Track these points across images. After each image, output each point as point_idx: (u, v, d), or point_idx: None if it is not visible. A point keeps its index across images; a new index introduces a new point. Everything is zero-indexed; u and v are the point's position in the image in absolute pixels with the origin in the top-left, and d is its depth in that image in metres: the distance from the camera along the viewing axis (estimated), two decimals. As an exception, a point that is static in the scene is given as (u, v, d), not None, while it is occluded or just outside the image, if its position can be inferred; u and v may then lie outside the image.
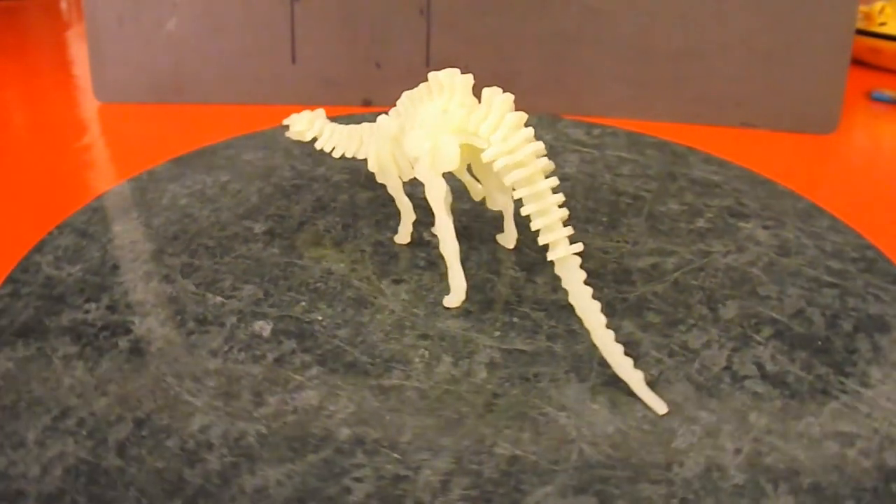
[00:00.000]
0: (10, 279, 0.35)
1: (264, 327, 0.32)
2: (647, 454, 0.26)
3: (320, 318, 0.33)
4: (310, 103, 0.61)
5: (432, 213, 0.37)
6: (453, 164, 0.31)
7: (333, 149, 0.40)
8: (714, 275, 0.36)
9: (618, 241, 0.39)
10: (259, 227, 0.40)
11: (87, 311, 0.33)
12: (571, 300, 0.28)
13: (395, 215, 0.40)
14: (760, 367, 0.30)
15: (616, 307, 0.34)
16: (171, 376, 0.29)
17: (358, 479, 0.25)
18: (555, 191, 0.29)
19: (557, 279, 0.33)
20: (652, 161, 0.48)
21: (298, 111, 0.59)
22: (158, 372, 0.30)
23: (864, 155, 0.54)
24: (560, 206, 0.28)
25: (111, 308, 0.34)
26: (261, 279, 0.35)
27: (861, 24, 0.73)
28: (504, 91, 0.59)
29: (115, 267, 0.37)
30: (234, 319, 0.33)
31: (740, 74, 0.57)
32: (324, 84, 0.61)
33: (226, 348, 0.31)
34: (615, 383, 0.29)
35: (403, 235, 0.38)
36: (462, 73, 0.32)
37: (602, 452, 0.26)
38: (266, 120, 0.57)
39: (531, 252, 0.37)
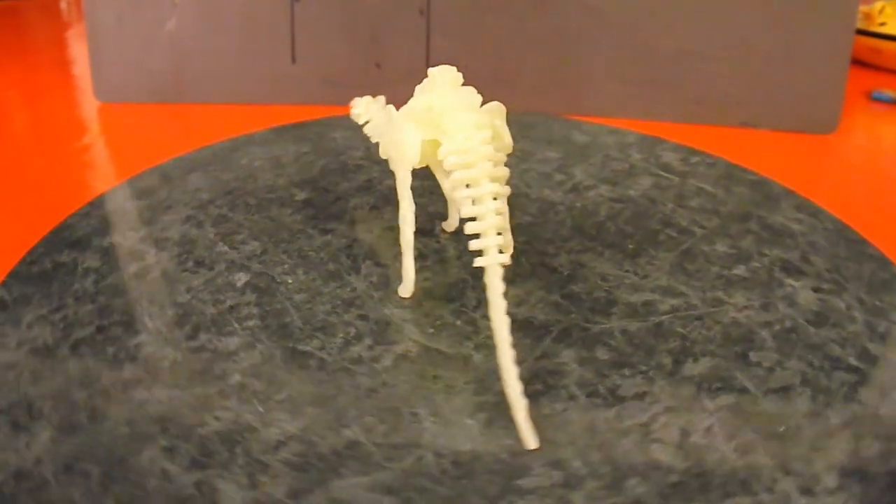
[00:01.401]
0: (12, 275, 0.35)
1: (241, 278, 0.36)
2: (482, 481, 0.24)
3: (290, 281, 0.36)
4: (310, 103, 0.61)
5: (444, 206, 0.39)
6: (412, 158, 0.32)
7: (371, 136, 0.41)
8: (709, 327, 0.32)
9: (626, 271, 0.36)
10: (300, 196, 0.44)
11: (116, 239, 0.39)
12: (489, 310, 0.27)
13: (428, 203, 0.43)
14: (662, 448, 0.26)
15: (571, 334, 0.31)
16: (146, 300, 0.34)
17: (217, 418, 0.27)
18: (497, 199, 0.28)
19: (528, 294, 0.34)
20: (733, 198, 0.43)
21: (298, 111, 0.59)
22: (139, 294, 0.35)
23: (864, 155, 0.54)
24: (499, 214, 0.28)
25: (141, 236, 0.40)
26: (268, 238, 0.39)
27: (861, 24, 0.73)
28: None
29: (169, 207, 0.43)
30: (223, 267, 0.37)
31: (740, 74, 0.57)
32: (324, 84, 0.61)
33: (201, 288, 0.35)
34: (508, 407, 0.26)
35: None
36: (462, 73, 0.32)
37: (440, 465, 0.25)
38: (266, 120, 0.57)
39: (525, 264, 0.37)
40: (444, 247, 0.38)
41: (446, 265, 0.37)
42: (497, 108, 0.32)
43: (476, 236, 0.28)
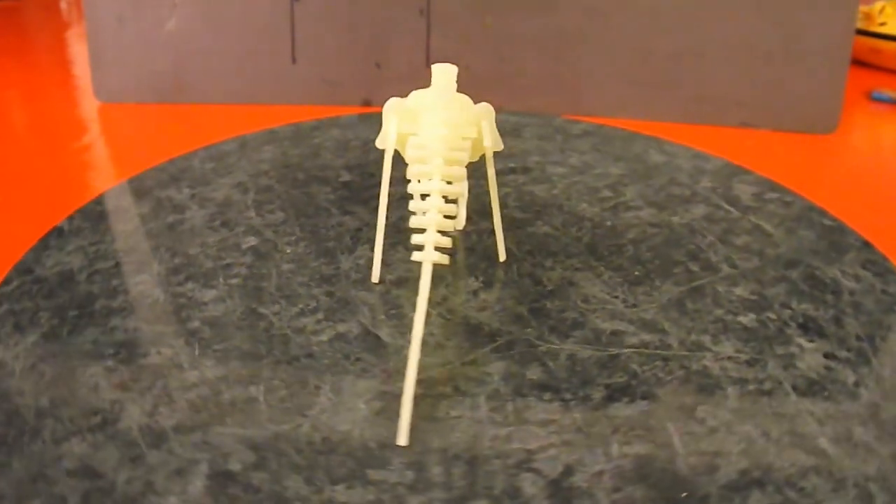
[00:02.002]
0: (13, 272, 0.35)
1: (249, 242, 0.38)
2: (336, 461, 0.25)
3: (288, 251, 0.38)
4: (310, 103, 0.61)
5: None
6: (385, 141, 0.32)
7: None
8: (670, 371, 0.29)
9: (615, 297, 0.34)
10: (344, 178, 0.46)
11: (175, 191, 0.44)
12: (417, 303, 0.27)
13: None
14: (533, 480, 0.24)
15: (513, 347, 0.31)
16: (163, 248, 0.38)
17: (159, 353, 0.30)
18: (449, 199, 0.28)
19: (497, 301, 0.34)
20: (791, 242, 0.39)
21: (298, 111, 0.59)
22: (160, 242, 0.39)
23: (864, 155, 0.54)
24: (447, 215, 0.28)
25: (193, 193, 0.44)
26: (293, 211, 0.42)
27: (861, 24, 0.73)
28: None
29: (230, 172, 0.47)
30: (241, 230, 0.40)
31: (740, 74, 0.57)
32: (324, 84, 0.61)
33: (212, 245, 0.38)
34: (418, 398, 0.27)
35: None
36: (462, 73, 0.32)
37: (309, 437, 0.26)
38: (266, 120, 0.57)
39: (513, 273, 0.36)
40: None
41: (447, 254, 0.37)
42: (485, 110, 0.32)
43: (419, 231, 0.28)
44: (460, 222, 0.39)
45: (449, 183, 0.29)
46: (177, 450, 0.25)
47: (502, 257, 0.37)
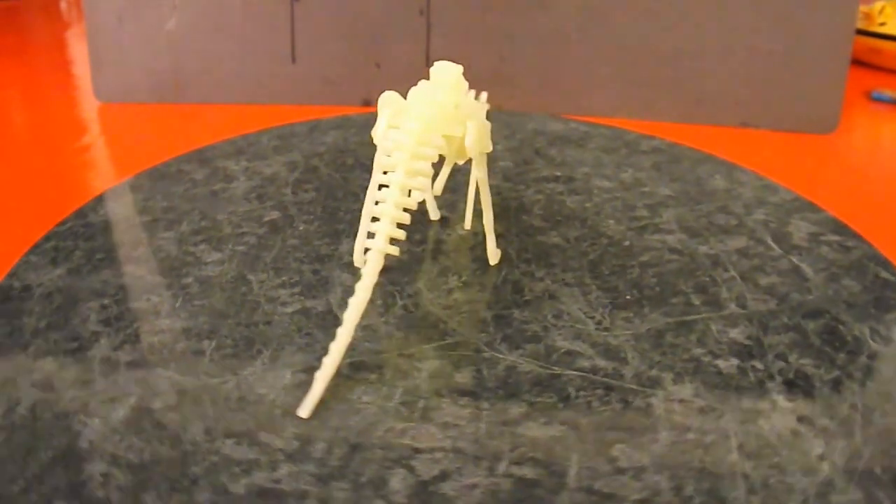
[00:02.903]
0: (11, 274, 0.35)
1: (272, 216, 0.41)
2: (226, 418, 0.26)
3: (301, 228, 0.40)
4: (310, 103, 0.61)
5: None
6: (374, 134, 0.33)
7: None
8: (601, 399, 0.28)
9: (589, 317, 0.32)
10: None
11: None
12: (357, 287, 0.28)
13: (458, 199, 0.44)
14: (398, 476, 0.24)
15: (455, 349, 0.30)
16: (198, 212, 0.42)
17: (148, 300, 0.33)
18: (413, 194, 0.29)
19: (465, 303, 0.34)
20: (827, 290, 0.35)
21: (298, 111, 0.59)
22: (195, 206, 0.42)
23: (864, 155, 0.54)
24: (405, 209, 0.28)
25: (247, 167, 0.47)
26: (326, 193, 0.44)
27: (861, 24, 0.73)
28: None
29: (290, 151, 0.50)
30: (270, 204, 0.43)
31: (740, 74, 0.57)
32: (324, 84, 0.61)
33: (240, 215, 0.41)
34: (341, 378, 0.28)
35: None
36: (462, 72, 0.32)
37: (219, 392, 0.28)
38: (266, 120, 0.57)
39: (497, 280, 0.35)
40: (446, 239, 0.38)
41: (435, 254, 0.37)
42: (475, 109, 0.32)
43: (375, 220, 0.28)
44: (433, 214, 0.41)
45: (412, 177, 0.29)
46: (120, 382, 0.28)
47: (492, 261, 0.36)
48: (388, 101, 0.32)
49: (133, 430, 0.26)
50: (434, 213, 0.41)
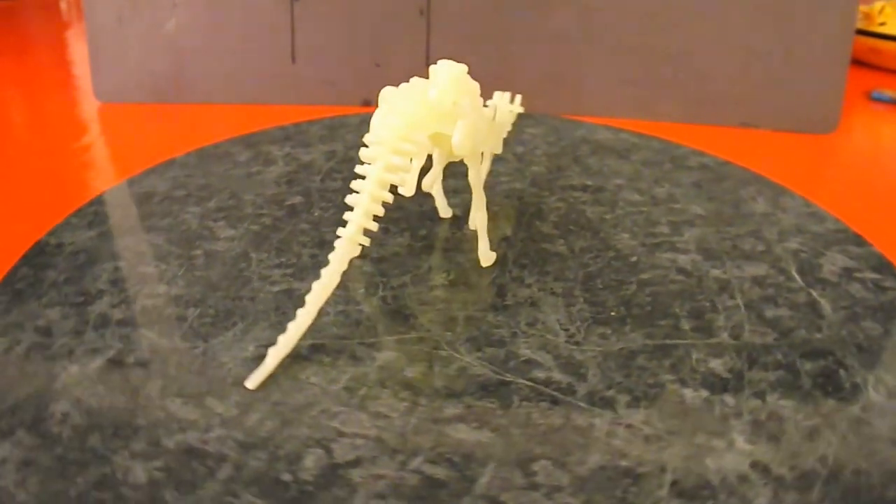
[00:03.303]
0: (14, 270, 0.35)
1: (294, 200, 0.43)
2: (175, 380, 0.28)
3: (317, 213, 0.41)
4: (310, 103, 0.61)
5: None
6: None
7: None
8: (545, 415, 0.27)
9: (563, 329, 0.32)
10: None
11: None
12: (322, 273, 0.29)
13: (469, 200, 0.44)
14: (309, 455, 0.25)
15: (418, 343, 0.31)
16: (228, 191, 0.44)
17: (149, 267, 0.36)
18: (390, 188, 0.30)
19: (455, 302, 0.34)
20: (840, 332, 0.32)
21: (298, 111, 0.59)
22: (231, 184, 0.45)
23: (864, 155, 0.54)
24: (379, 201, 0.29)
25: (289, 153, 0.49)
26: (346, 179, 0.46)
27: (861, 24, 0.73)
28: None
29: (333, 140, 0.51)
30: (296, 189, 0.45)
31: (740, 74, 0.57)
32: (324, 84, 0.61)
33: (266, 196, 0.43)
34: (298, 358, 0.30)
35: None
36: (463, 71, 0.32)
37: (190, 357, 0.29)
38: (266, 120, 0.57)
39: (486, 281, 0.35)
40: (450, 238, 0.38)
41: (433, 250, 0.37)
42: (462, 108, 0.32)
43: (350, 209, 0.29)
44: (442, 212, 0.41)
45: (390, 172, 0.30)
46: (106, 336, 0.31)
47: (484, 263, 0.36)
48: (386, 96, 0.32)
49: (102, 379, 0.28)
50: (444, 212, 0.41)
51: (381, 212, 0.30)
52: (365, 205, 0.29)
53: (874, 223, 0.42)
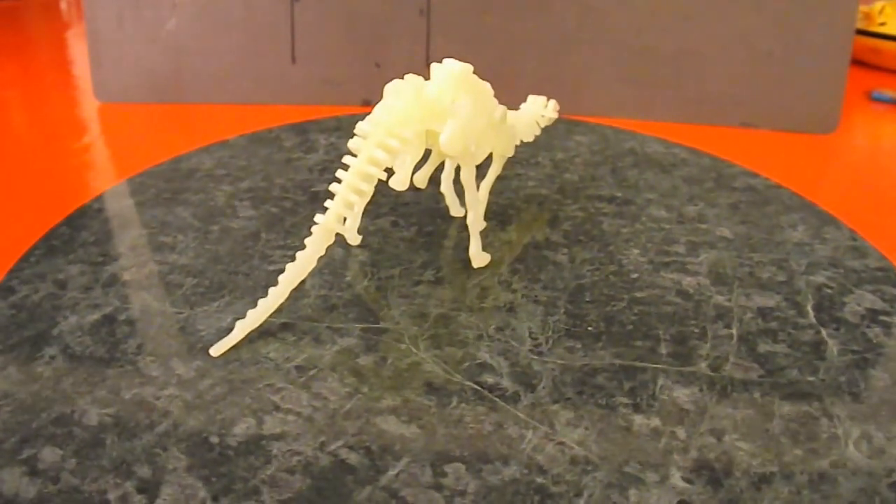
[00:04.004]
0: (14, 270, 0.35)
1: (321, 186, 0.44)
2: (154, 340, 0.31)
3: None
4: (310, 103, 0.61)
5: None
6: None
7: None
8: (474, 415, 0.27)
9: (530, 337, 0.31)
10: None
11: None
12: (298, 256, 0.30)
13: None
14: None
15: (384, 333, 0.31)
16: (263, 173, 0.46)
17: (167, 235, 0.39)
18: (372, 181, 0.31)
19: (433, 299, 0.34)
20: (836, 377, 0.30)
21: (298, 111, 0.59)
22: (267, 168, 0.48)
23: (864, 155, 0.54)
24: (360, 193, 0.30)
25: (331, 142, 0.50)
26: None
27: (861, 24, 0.73)
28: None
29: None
30: (327, 177, 0.46)
31: (740, 74, 0.57)
32: (324, 84, 0.61)
33: (294, 180, 0.45)
34: (265, 334, 0.31)
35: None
36: (466, 71, 0.33)
37: (174, 320, 0.32)
38: (266, 120, 0.57)
39: (472, 282, 0.35)
40: (453, 236, 0.38)
41: (433, 247, 0.37)
42: (457, 107, 0.32)
43: (331, 196, 0.29)
44: (453, 210, 0.41)
45: (372, 165, 0.30)
46: (109, 294, 0.34)
47: (475, 264, 0.36)
48: (389, 91, 0.33)
49: (92, 331, 0.31)
50: (455, 210, 0.41)
51: (360, 202, 0.30)
52: (342, 195, 0.30)
53: (874, 223, 0.42)
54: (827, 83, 0.56)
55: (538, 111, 0.41)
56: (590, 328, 0.32)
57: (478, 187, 0.36)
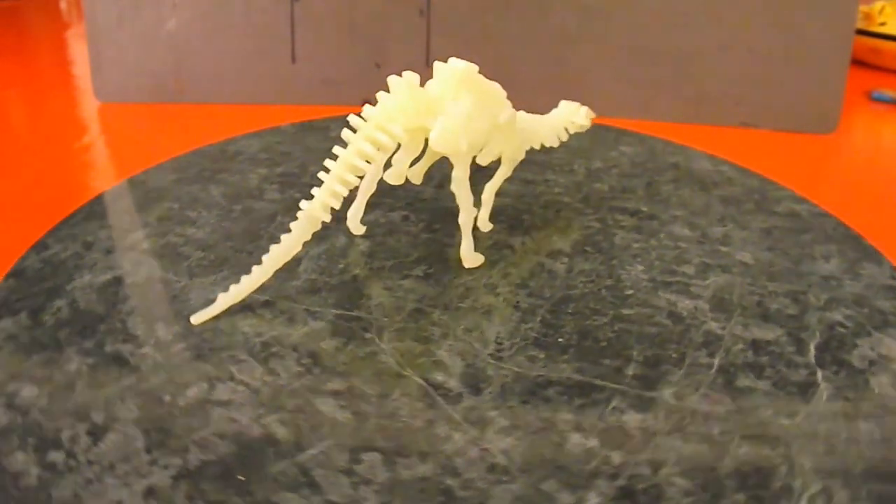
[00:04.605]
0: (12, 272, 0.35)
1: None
2: (161, 309, 0.33)
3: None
4: (310, 103, 0.61)
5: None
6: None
7: None
8: (425, 418, 0.27)
9: (496, 342, 0.31)
10: None
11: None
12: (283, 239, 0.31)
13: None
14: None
15: (352, 322, 0.32)
16: (288, 159, 0.48)
17: (185, 210, 0.41)
18: (361, 175, 0.31)
19: (413, 295, 0.34)
20: (827, 427, 0.27)
21: (298, 111, 0.59)
22: (298, 154, 0.49)
23: (864, 155, 0.54)
24: (346, 184, 0.31)
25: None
26: None
27: (861, 24, 0.73)
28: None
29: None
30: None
31: (740, 74, 0.57)
32: (324, 84, 0.61)
33: (313, 172, 0.45)
34: (247, 309, 0.32)
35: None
36: (469, 70, 0.33)
37: (173, 288, 0.34)
38: (266, 120, 0.57)
39: (458, 282, 0.35)
40: (456, 234, 0.38)
41: (432, 244, 0.37)
42: (452, 106, 0.32)
43: (318, 184, 0.31)
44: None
45: (359, 158, 0.31)
46: (123, 260, 0.36)
47: (466, 264, 0.36)
48: (395, 82, 0.33)
49: (99, 291, 0.34)
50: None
51: (344, 192, 0.31)
52: (328, 184, 0.31)
53: (874, 223, 0.42)
54: (827, 83, 0.56)
55: (568, 117, 0.41)
56: (560, 340, 0.31)
57: (477, 189, 0.36)
